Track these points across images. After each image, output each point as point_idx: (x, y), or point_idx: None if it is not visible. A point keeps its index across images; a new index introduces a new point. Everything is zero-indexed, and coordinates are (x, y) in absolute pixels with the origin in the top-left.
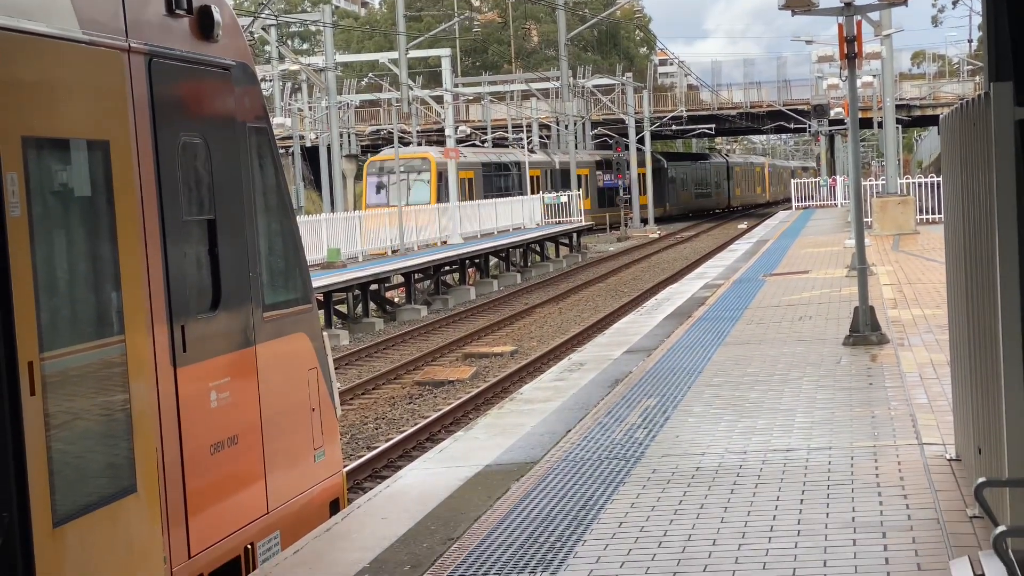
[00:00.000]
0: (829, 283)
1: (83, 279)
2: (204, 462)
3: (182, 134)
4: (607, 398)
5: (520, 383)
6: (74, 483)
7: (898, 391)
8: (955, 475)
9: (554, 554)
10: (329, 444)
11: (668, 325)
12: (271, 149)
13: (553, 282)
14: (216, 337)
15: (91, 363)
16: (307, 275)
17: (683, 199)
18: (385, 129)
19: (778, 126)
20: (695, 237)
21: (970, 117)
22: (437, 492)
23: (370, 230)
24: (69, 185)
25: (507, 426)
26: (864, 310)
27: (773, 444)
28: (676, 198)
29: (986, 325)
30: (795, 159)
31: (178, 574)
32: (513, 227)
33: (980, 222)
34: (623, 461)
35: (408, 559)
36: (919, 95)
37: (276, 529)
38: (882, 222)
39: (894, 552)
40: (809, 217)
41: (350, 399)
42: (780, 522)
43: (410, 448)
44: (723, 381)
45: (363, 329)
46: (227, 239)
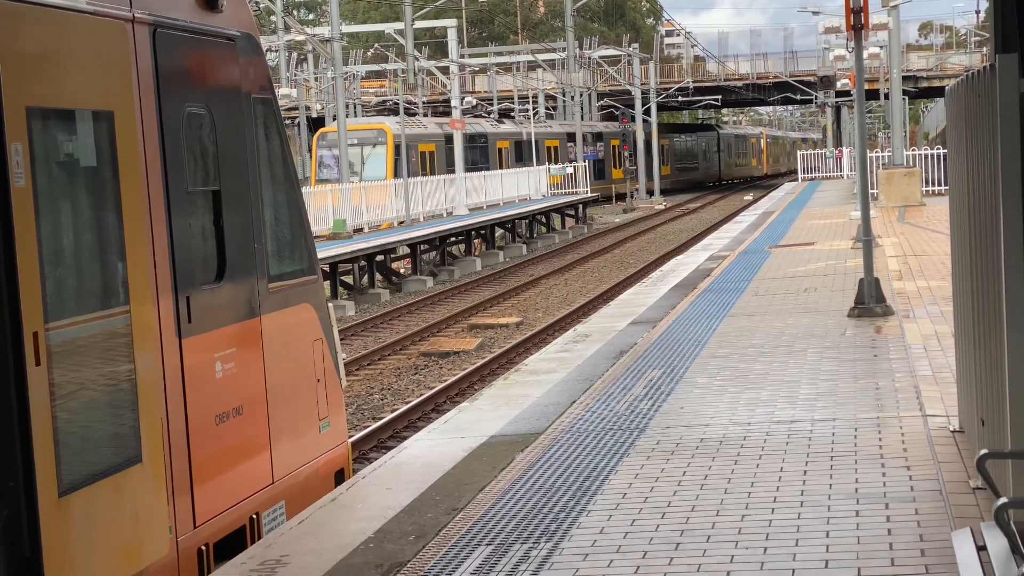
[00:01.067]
0: (834, 255)
1: (88, 250)
2: (209, 432)
3: (186, 105)
4: (612, 369)
5: (525, 354)
6: (79, 453)
7: (902, 363)
8: (958, 447)
9: (558, 524)
10: (334, 415)
11: (673, 297)
12: (276, 120)
13: (559, 253)
14: (221, 308)
15: (96, 334)
16: (312, 246)
17: (662, 172)
18: (391, 100)
19: (784, 97)
20: (701, 209)
21: (976, 89)
22: (442, 463)
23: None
24: (73, 156)
25: (512, 397)
26: (869, 282)
27: (777, 416)
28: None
29: (990, 297)
30: (801, 131)
31: (183, 544)
32: (519, 198)
33: (985, 194)
34: (627, 432)
35: (413, 529)
36: (926, 66)
37: (281, 499)
38: (888, 194)
39: (896, 523)
40: (815, 189)
41: (356, 370)
42: (783, 493)
43: (415, 419)
44: (728, 353)
45: (369, 300)
46: (232, 210)
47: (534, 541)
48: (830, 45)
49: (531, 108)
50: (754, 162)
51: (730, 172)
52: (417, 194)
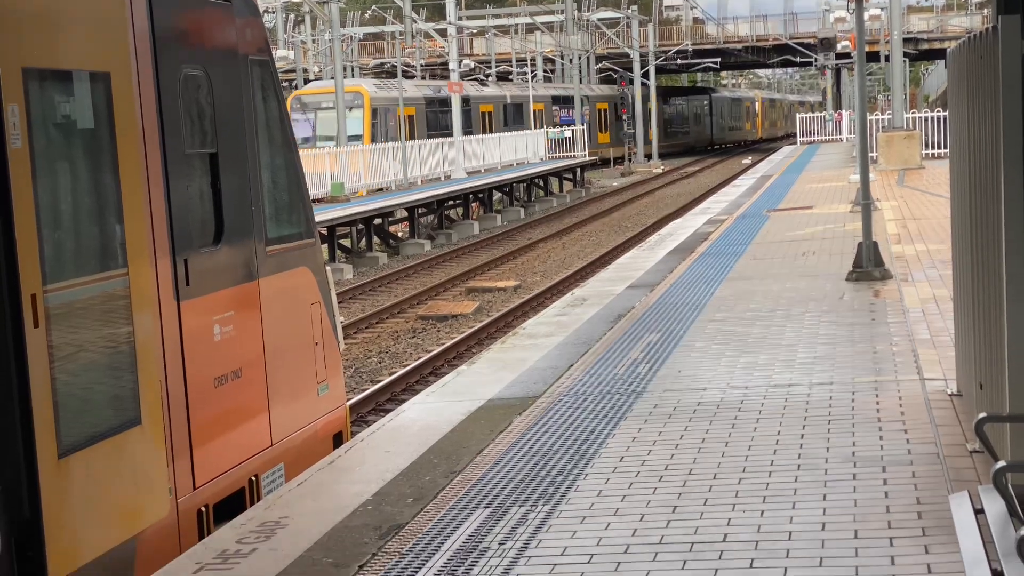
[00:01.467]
0: (833, 218)
1: (85, 212)
2: (208, 395)
3: (183, 66)
4: (609, 333)
5: (523, 318)
6: (78, 415)
7: (900, 326)
8: (956, 410)
9: (556, 487)
10: (332, 378)
11: (671, 260)
12: (273, 82)
13: (556, 217)
14: (219, 271)
15: (94, 296)
16: (310, 209)
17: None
18: (388, 62)
19: (784, 60)
20: (699, 172)
21: (977, 51)
22: (440, 426)
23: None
24: (70, 117)
25: (510, 360)
26: (868, 245)
27: (775, 379)
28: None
29: (990, 261)
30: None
31: (183, 505)
32: (517, 162)
33: (986, 157)
34: (625, 396)
35: (411, 492)
36: (927, 28)
37: (280, 461)
38: (887, 157)
39: (893, 486)
40: (814, 152)
41: (354, 333)
42: (780, 456)
43: (413, 382)
44: (725, 316)
45: (367, 263)
46: (229, 172)
47: (532, 504)
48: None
49: (529, 71)
50: (748, 126)
51: (723, 136)
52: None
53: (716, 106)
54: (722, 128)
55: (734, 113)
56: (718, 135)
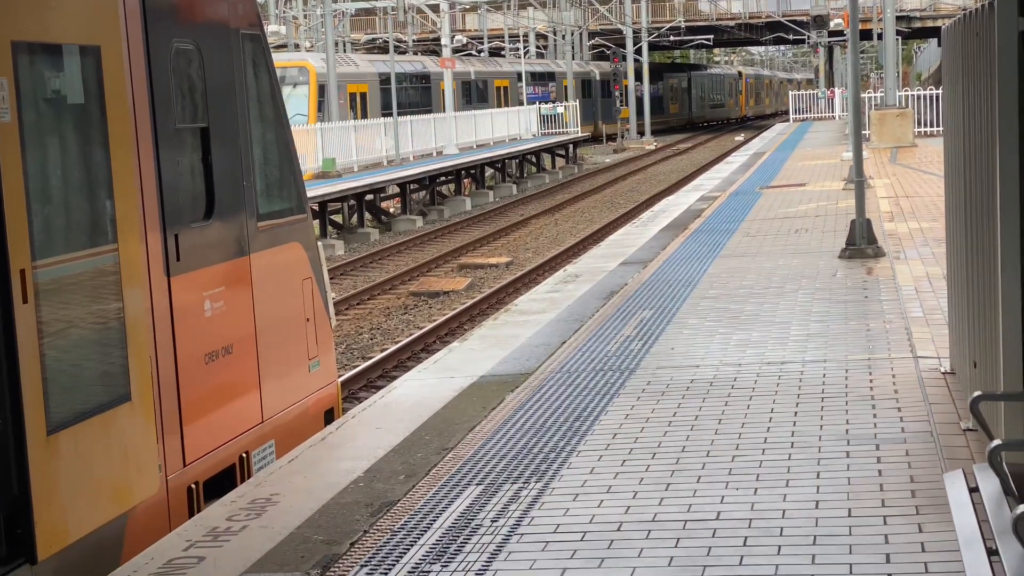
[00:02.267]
0: (826, 196)
1: (75, 186)
2: (198, 371)
3: (174, 40)
4: (602, 310)
5: (515, 294)
6: (68, 391)
7: (893, 304)
8: (949, 388)
9: (548, 464)
10: (324, 354)
11: (664, 237)
12: (265, 57)
13: (549, 193)
14: (210, 246)
15: (83, 271)
16: (301, 184)
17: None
18: (380, 38)
19: (777, 37)
20: (692, 149)
21: (973, 28)
22: (432, 402)
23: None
24: (60, 91)
25: (502, 337)
26: (861, 223)
27: (768, 357)
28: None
29: (984, 239)
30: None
31: (173, 482)
32: (509, 138)
33: (981, 135)
34: (618, 373)
35: (402, 469)
36: (919, 6)
37: (271, 438)
38: (880, 135)
39: (887, 465)
40: (807, 129)
41: (345, 309)
42: (774, 434)
43: (405, 358)
44: (718, 293)
45: (358, 239)
46: (220, 147)
47: (524, 481)
48: None
49: (522, 47)
50: (731, 103)
51: (703, 115)
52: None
53: (696, 83)
54: (702, 106)
55: (715, 90)
56: (698, 113)
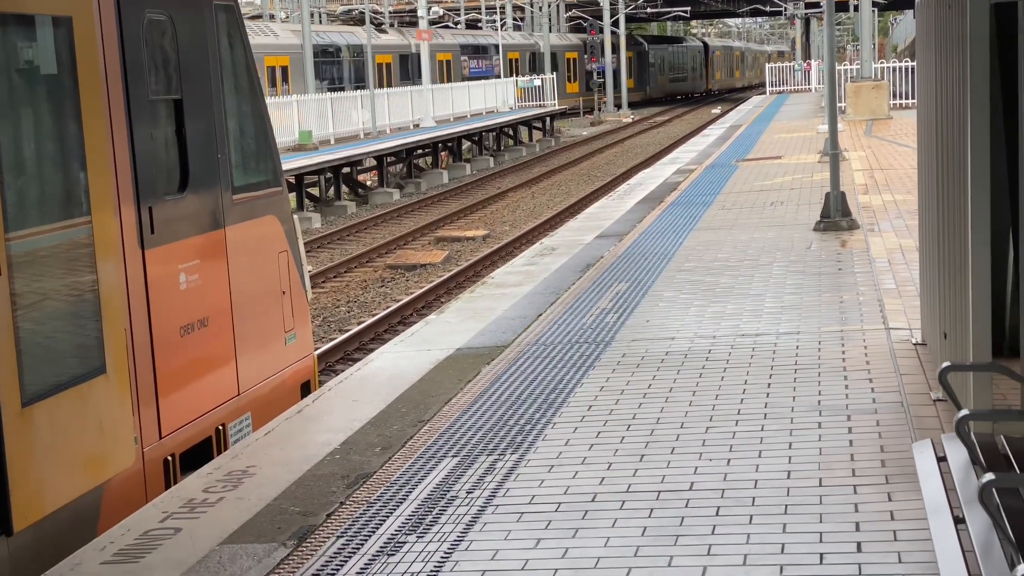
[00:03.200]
0: (801, 168)
1: (47, 159)
2: (174, 343)
3: (147, 11)
4: (578, 283)
5: (492, 267)
6: (42, 363)
7: (867, 276)
8: (920, 359)
9: (524, 436)
10: (300, 327)
11: (640, 210)
12: (239, 28)
13: (526, 166)
14: (184, 219)
15: (57, 244)
16: (277, 157)
17: (569, 91)
18: (357, 8)
19: (754, 9)
20: (668, 122)
21: (946, 1)
22: (408, 375)
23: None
24: (31, 62)
25: (478, 310)
26: (835, 195)
27: (742, 329)
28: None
29: (955, 211)
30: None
31: (149, 454)
32: (486, 111)
33: (953, 107)
34: (593, 345)
35: (378, 441)
36: None
37: (247, 411)
38: (856, 107)
39: (858, 435)
40: (783, 102)
41: (322, 282)
42: (747, 405)
43: (382, 331)
44: (694, 266)
45: (335, 212)
46: (194, 120)
47: (500, 453)
48: None
49: (498, 19)
50: (695, 76)
51: (664, 89)
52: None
53: (655, 56)
54: (661, 81)
55: (678, 63)
56: (656, 87)
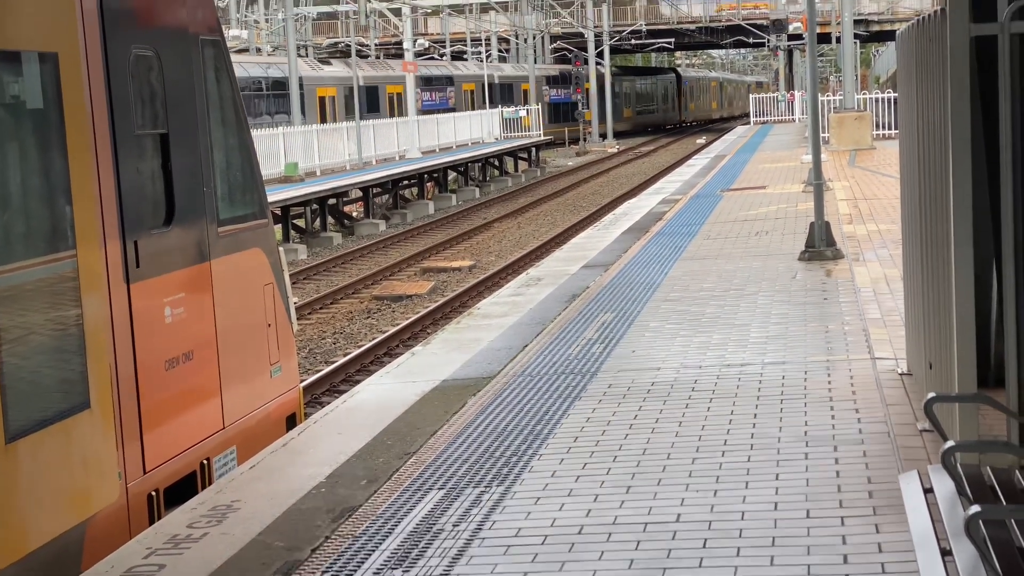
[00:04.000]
0: (786, 198)
1: (33, 194)
2: (159, 378)
3: (133, 46)
4: (564, 313)
5: (478, 298)
6: (26, 398)
7: (852, 306)
8: (906, 389)
9: (510, 468)
10: (285, 359)
11: (626, 240)
12: (225, 62)
13: (511, 197)
14: (170, 252)
15: (42, 278)
16: (262, 190)
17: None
18: (343, 42)
19: (737, 41)
20: (653, 152)
21: (926, 33)
22: (394, 407)
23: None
24: (18, 97)
25: (464, 341)
26: (820, 225)
27: (728, 359)
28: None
29: (939, 241)
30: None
31: (133, 489)
32: (472, 141)
33: (935, 138)
34: (579, 376)
35: (364, 474)
36: (877, 10)
37: (232, 444)
38: (839, 137)
39: (845, 465)
40: (767, 132)
41: (308, 313)
42: (733, 436)
43: (368, 363)
44: (679, 296)
45: (321, 243)
46: (180, 153)
47: (486, 485)
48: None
49: (484, 51)
50: (665, 108)
51: (631, 121)
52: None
53: (618, 86)
54: (628, 111)
55: (646, 94)
56: (620, 120)
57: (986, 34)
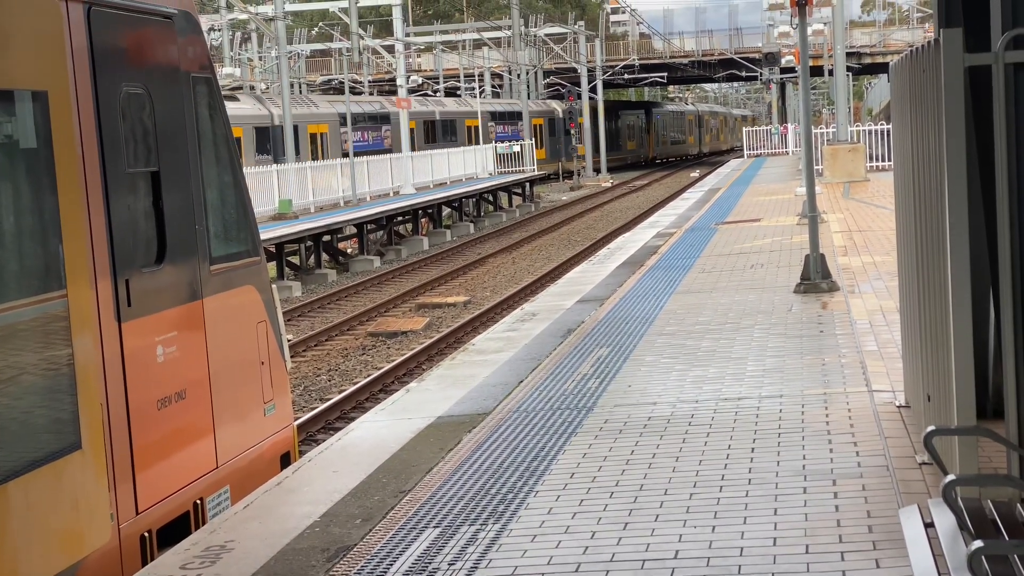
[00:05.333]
0: (780, 231)
1: (22, 233)
2: (151, 417)
3: (123, 84)
4: (559, 348)
5: (473, 333)
6: (16, 440)
7: (848, 338)
8: (904, 422)
9: (506, 506)
10: (279, 397)
11: (620, 274)
12: (216, 99)
13: (506, 232)
14: (162, 291)
15: (32, 318)
16: (255, 227)
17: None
18: (336, 79)
19: (730, 74)
20: (647, 186)
21: (920, 64)
22: (389, 444)
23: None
24: (7, 136)
25: (459, 377)
26: (815, 258)
27: (724, 393)
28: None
29: (935, 273)
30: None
31: (125, 531)
32: (466, 177)
33: (929, 169)
34: (575, 411)
35: (359, 512)
36: (869, 43)
37: (226, 484)
38: (833, 170)
39: (844, 500)
40: (761, 165)
41: (303, 351)
42: (731, 471)
43: (363, 399)
44: (675, 330)
45: (315, 280)
46: (172, 191)
47: (482, 523)
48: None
49: (477, 87)
50: (631, 145)
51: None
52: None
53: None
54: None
55: (622, 130)
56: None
57: (980, 64)
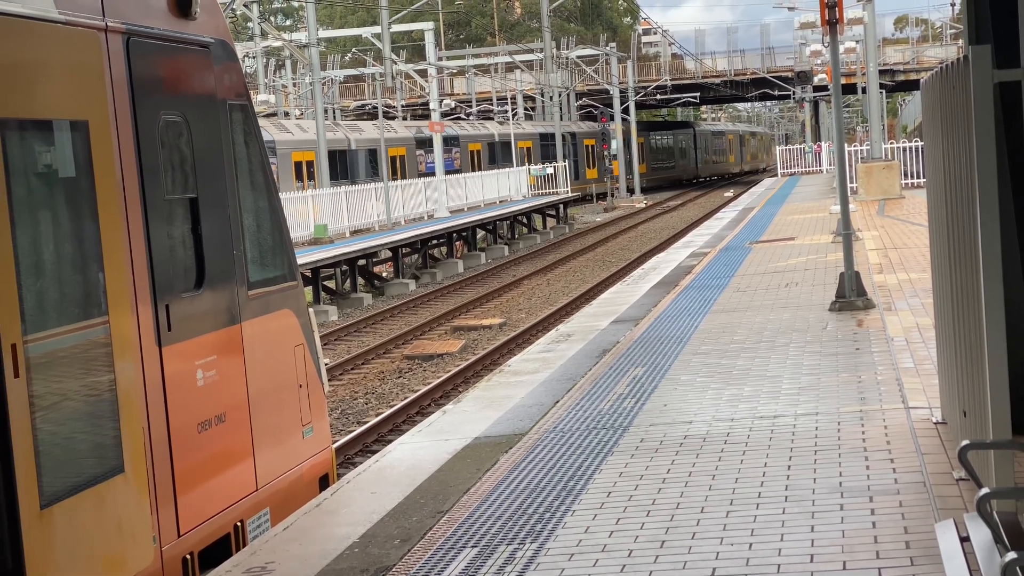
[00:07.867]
0: (815, 249)
1: (65, 260)
2: (191, 440)
3: (162, 113)
4: (595, 368)
5: (509, 355)
6: (60, 464)
7: (884, 355)
8: (941, 438)
9: (543, 525)
10: (317, 420)
11: (655, 294)
12: (253, 126)
13: (540, 253)
14: (201, 316)
15: (75, 344)
16: (291, 252)
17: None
18: (370, 103)
19: (762, 93)
20: (682, 206)
21: (950, 81)
22: (426, 465)
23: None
24: (49, 166)
25: (496, 398)
26: (850, 275)
27: (760, 411)
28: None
29: (969, 288)
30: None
31: (168, 553)
32: (500, 199)
33: (961, 185)
34: (611, 431)
35: (398, 533)
36: (902, 60)
37: (266, 506)
38: (867, 187)
39: (881, 516)
40: (795, 184)
41: (340, 374)
42: (768, 488)
43: (400, 422)
44: (710, 349)
45: (351, 304)
46: (210, 217)
47: (519, 542)
48: (806, 40)
49: (510, 109)
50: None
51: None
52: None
53: (579, 148)
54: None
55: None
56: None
57: (1010, 80)
